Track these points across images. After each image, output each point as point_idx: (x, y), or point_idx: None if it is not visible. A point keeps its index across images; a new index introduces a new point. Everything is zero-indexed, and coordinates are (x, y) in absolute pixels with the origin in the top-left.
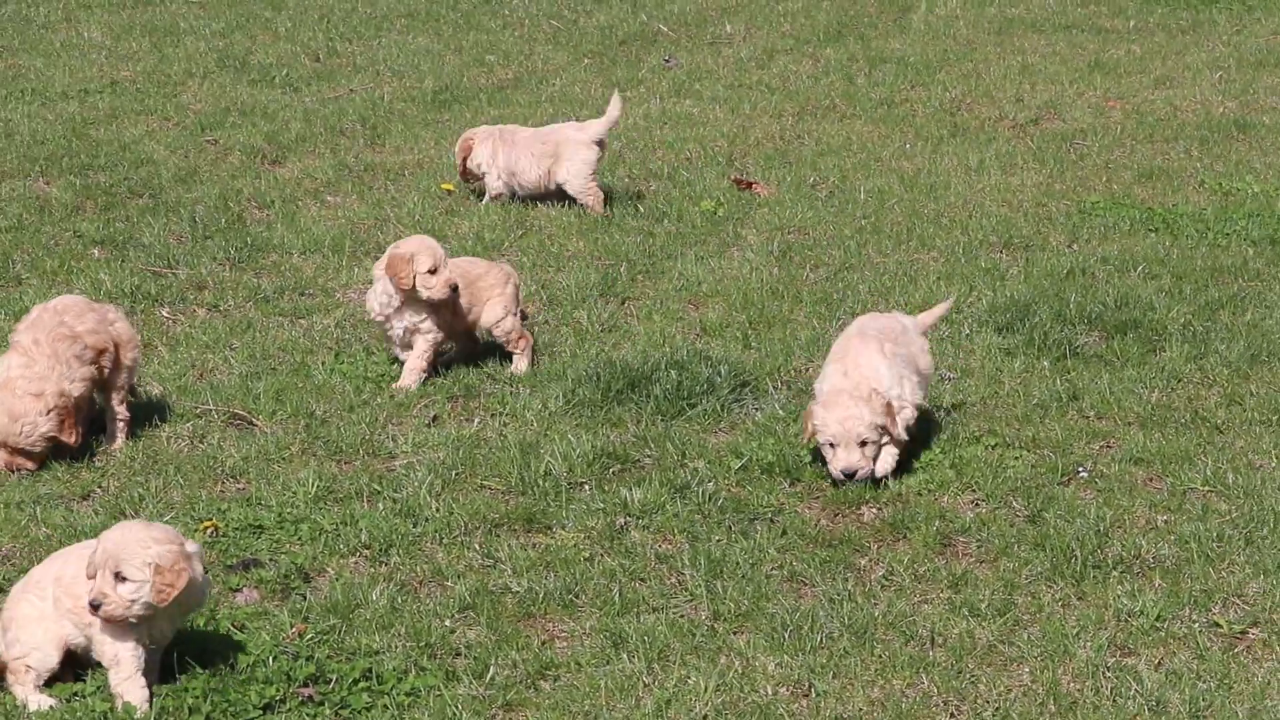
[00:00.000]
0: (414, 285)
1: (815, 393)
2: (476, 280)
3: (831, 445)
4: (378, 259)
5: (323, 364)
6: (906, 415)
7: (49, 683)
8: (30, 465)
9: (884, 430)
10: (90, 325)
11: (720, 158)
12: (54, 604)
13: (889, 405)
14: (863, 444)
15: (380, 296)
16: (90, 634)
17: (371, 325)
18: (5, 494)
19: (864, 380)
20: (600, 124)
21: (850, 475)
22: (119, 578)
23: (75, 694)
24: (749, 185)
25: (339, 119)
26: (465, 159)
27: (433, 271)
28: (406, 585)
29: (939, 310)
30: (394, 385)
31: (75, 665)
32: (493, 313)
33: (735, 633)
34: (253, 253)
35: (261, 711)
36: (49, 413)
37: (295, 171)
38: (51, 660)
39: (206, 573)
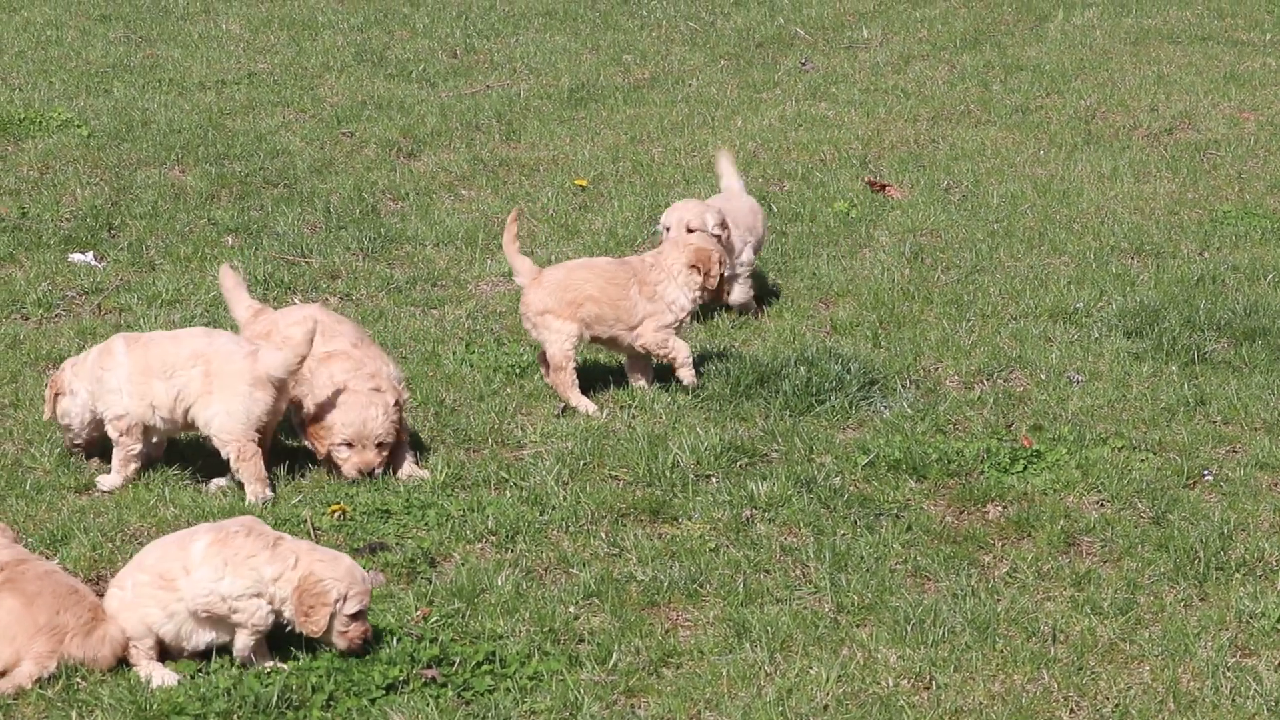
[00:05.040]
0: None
1: None
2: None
3: None
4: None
5: (453, 354)
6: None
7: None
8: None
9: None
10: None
11: (854, 160)
12: (133, 590)
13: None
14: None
15: (692, 293)
16: (177, 609)
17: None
18: None
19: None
20: None
21: None
22: None
23: (200, 670)
24: (882, 187)
25: (475, 114)
26: None
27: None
28: (532, 571)
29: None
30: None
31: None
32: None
33: (858, 625)
34: (386, 243)
35: (385, 691)
36: (395, 405)
37: (430, 165)
38: (142, 632)
39: None
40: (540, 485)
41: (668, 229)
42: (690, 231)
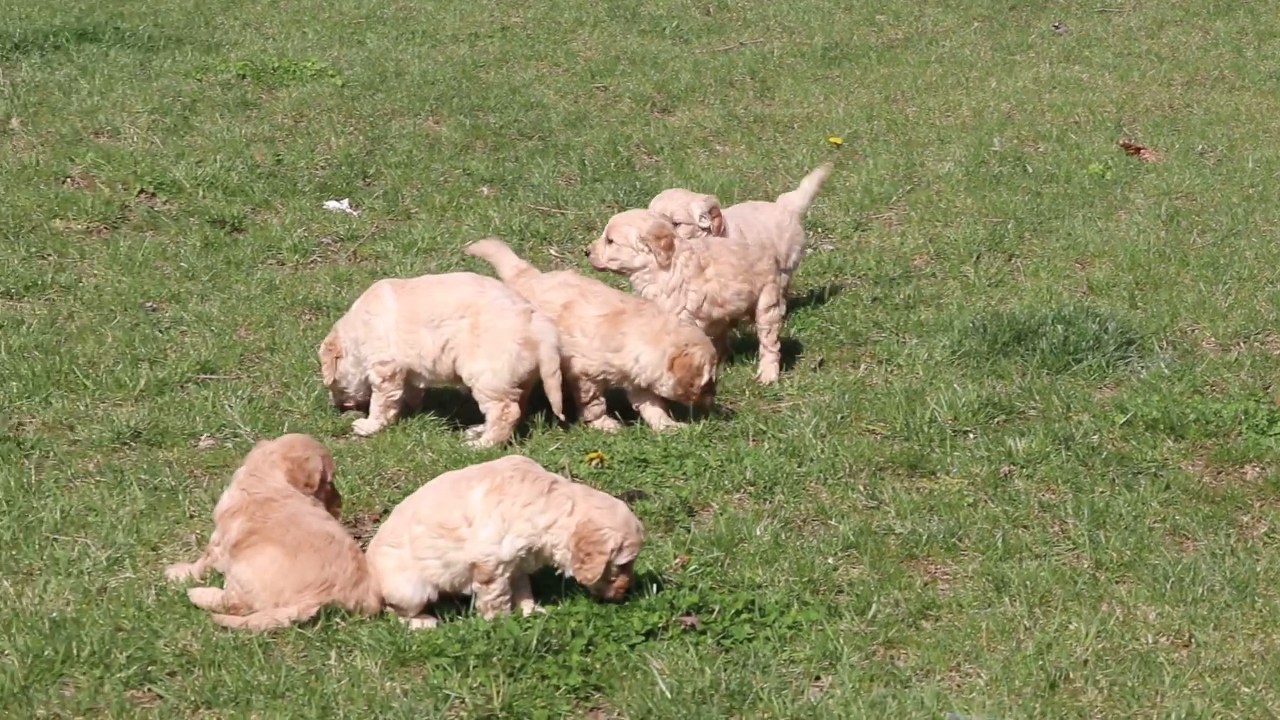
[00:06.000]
0: None
1: None
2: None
3: None
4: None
5: None
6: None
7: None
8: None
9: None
10: None
11: (1108, 123)
12: (411, 546)
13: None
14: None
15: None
16: (455, 558)
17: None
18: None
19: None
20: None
21: None
22: None
23: (459, 612)
24: (1137, 150)
25: (729, 71)
26: None
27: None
28: (790, 522)
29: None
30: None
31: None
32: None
33: (1117, 582)
34: (641, 196)
35: (644, 637)
36: None
37: (684, 120)
38: (416, 600)
39: None
40: (798, 437)
41: None
42: (675, 225)
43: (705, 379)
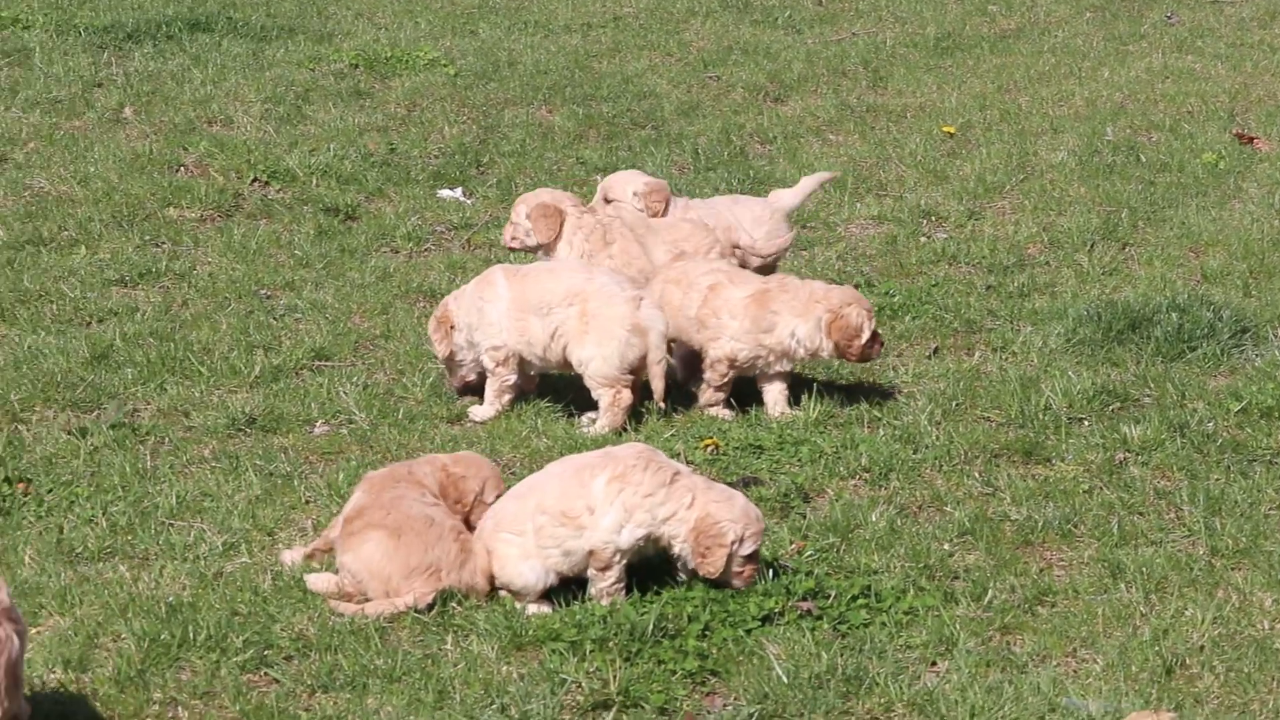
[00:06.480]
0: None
1: None
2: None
3: None
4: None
5: None
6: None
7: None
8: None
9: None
10: None
11: (1221, 113)
12: (535, 535)
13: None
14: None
15: None
16: (574, 546)
17: None
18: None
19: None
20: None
21: None
22: None
23: (575, 597)
24: (1250, 140)
25: (841, 61)
26: None
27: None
28: (905, 509)
29: None
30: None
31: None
32: None
33: (1233, 568)
34: (755, 185)
35: (760, 623)
36: None
37: (797, 109)
38: (538, 588)
39: None
40: (913, 424)
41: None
42: (607, 202)
43: (866, 335)
